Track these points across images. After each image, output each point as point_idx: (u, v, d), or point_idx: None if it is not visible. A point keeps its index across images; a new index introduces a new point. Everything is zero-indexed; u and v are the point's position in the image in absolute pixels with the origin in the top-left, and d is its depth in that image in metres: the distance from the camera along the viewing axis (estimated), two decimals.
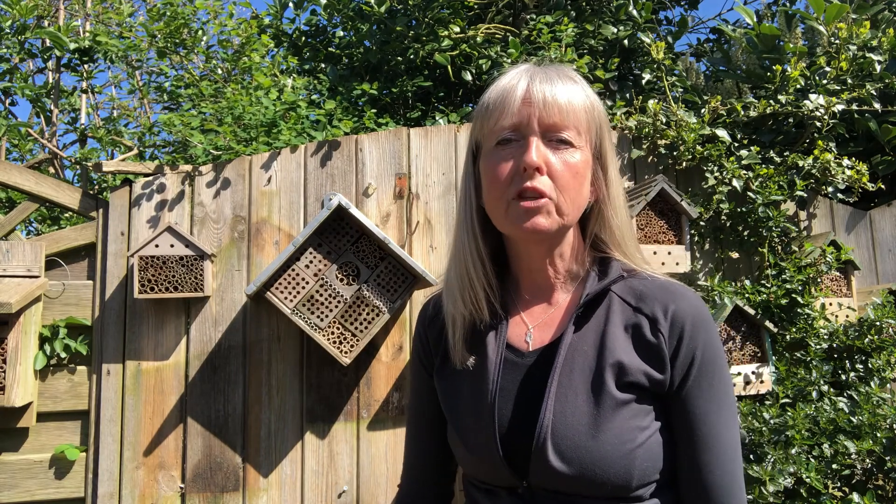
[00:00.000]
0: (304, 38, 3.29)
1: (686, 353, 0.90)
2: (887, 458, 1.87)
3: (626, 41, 3.03)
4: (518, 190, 0.88)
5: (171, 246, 1.79)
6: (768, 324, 2.10)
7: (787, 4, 3.55)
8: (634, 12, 3.00)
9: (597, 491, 0.85)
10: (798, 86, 2.40)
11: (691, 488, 0.90)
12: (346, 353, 1.77)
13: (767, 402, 2.03)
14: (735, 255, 2.30)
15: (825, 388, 2.03)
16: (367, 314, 1.79)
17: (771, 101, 2.36)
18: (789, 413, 1.93)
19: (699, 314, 0.92)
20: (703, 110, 2.38)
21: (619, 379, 0.88)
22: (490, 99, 0.93)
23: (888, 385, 2.11)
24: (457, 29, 2.91)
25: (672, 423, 0.91)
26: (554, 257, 0.97)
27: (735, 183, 2.20)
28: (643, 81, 3.02)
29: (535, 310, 0.99)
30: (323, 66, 3.15)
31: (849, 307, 2.27)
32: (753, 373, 2.05)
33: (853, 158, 2.35)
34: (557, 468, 0.84)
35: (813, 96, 2.32)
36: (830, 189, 2.32)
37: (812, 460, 1.87)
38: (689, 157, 2.24)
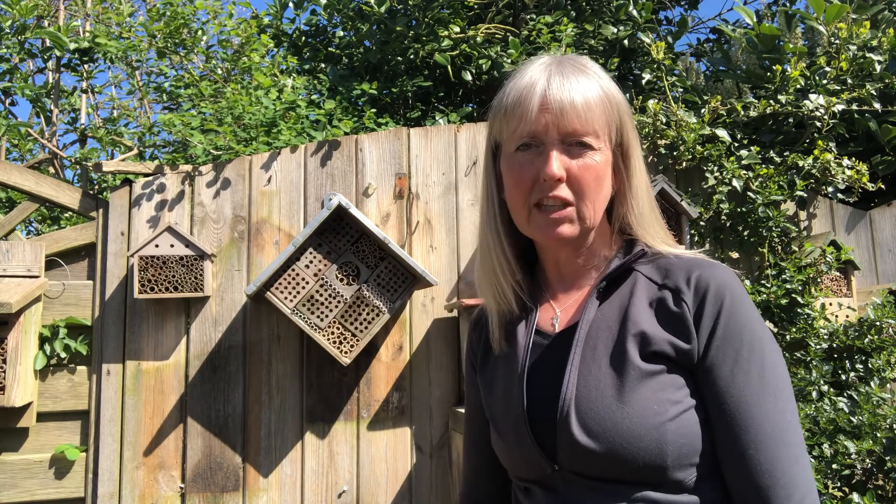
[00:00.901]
0: (304, 38, 3.29)
1: (709, 317, 0.86)
2: (887, 458, 1.87)
3: (626, 41, 3.03)
4: (539, 198, 0.89)
5: (171, 246, 1.79)
6: (768, 324, 2.10)
7: (787, 4, 3.55)
8: (634, 12, 3.00)
9: (630, 472, 0.82)
10: (798, 86, 2.40)
11: (732, 475, 0.83)
12: (346, 353, 1.77)
13: None
14: (735, 255, 2.30)
15: (825, 388, 2.03)
16: (367, 314, 1.79)
17: (771, 101, 2.36)
18: None
19: (726, 281, 0.88)
20: (703, 110, 2.38)
21: (644, 349, 0.86)
22: (508, 102, 0.92)
23: (888, 385, 2.11)
24: (457, 29, 2.91)
25: (704, 401, 0.86)
26: (580, 251, 0.98)
27: (735, 183, 2.20)
28: (643, 81, 3.02)
29: (564, 295, 1.00)
30: (323, 66, 3.15)
31: (849, 307, 2.27)
32: None
33: (853, 158, 2.35)
34: (584, 443, 0.83)
35: (813, 96, 2.32)
36: (830, 189, 2.32)
37: (812, 460, 1.87)
38: (689, 157, 2.24)
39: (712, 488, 0.85)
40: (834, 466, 1.87)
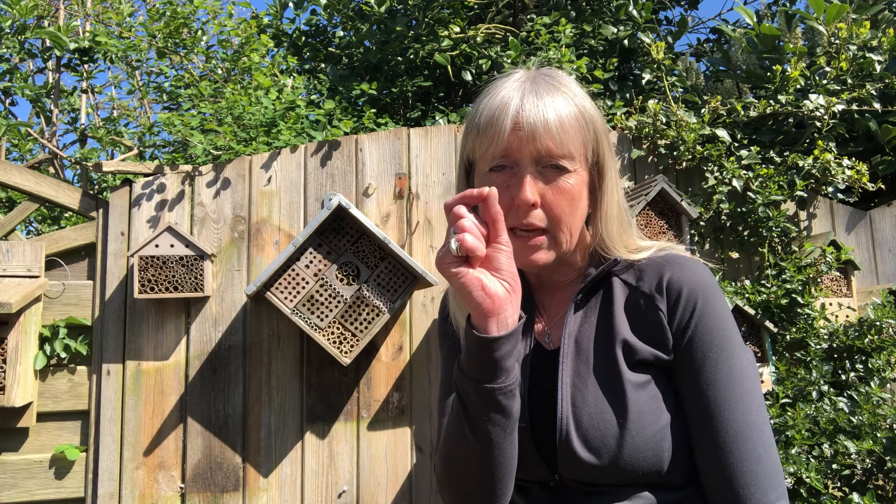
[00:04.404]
0: (304, 38, 3.29)
1: (681, 321, 0.87)
2: (887, 458, 1.87)
3: (626, 41, 3.03)
4: (514, 224, 0.88)
5: (171, 246, 1.79)
6: (768, 324, 2.10)
7: (787, 4, 3.55)
8: (634, 12, 3.00)
9: (629, 478, 0.84)
10: (798, 86, 2.40)
11: (703, 472, 0.85)
12: (346, 353, 1.77)
13: (767, 402, 2.03)
14: (735, 255, 2.30)
15: (825, 388, 2.03)
16: (367, 314, 1.79)
17: (771, 101, 2.36)
18: (789, 413, 1.93)
19: (699, 280, 0.89)
20: (703, 110, 2.38)
21: (630, 359, 0.87)
22: (481, 121, 0.90)
23: (888, 385, 2.11)
24: (457, 29, 2.91)
25: (680, 399, 0.88)
26: (560, 267, 0.97)
27: (735, 183, 2.20)
28: (643, 81, 3.02)
29: (551, 309, 1.00)
30: (323, 66, 3.16)
31: (849, 307, 2.27)
32: None
33: (853, 158, 2.35)
34: (587, 460, 0.84)
35: (813, 96, 2.32)
36: (830, 189, 2.32)
37: (812, 460, 1.87)
38: (689, 157, 2.24)
39: (698, 484, 0.87)
40: (834, 466, 1.87)
